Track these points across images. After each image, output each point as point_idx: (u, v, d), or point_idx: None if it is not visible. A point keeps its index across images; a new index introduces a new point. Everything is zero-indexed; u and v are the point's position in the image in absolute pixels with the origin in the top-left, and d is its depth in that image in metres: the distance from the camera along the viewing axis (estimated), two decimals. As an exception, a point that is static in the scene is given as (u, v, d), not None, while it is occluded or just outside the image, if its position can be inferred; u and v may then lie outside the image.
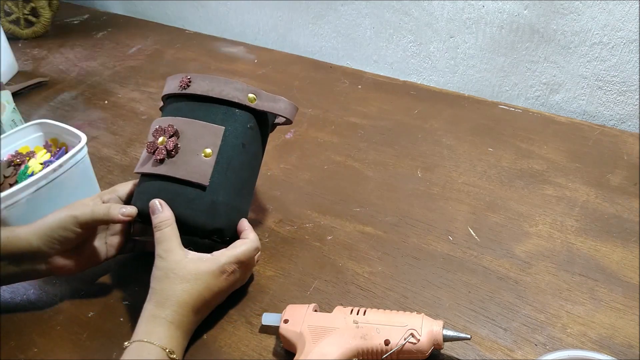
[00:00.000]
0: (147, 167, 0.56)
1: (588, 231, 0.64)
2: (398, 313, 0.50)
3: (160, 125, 0.57)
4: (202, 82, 0.57)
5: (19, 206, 0.61)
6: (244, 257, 0.54)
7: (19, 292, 0.61)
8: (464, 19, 0.95)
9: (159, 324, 0.48)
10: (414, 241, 0.64)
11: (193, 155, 0.55)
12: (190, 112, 0.57)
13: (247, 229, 0.57)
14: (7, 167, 0.68)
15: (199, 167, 0.55)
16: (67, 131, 0.71)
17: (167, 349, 0.47)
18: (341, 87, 0.99)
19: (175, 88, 0.59)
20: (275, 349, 0.53)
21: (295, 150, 0.82)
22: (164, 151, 0.55)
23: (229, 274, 0.53)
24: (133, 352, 0.47)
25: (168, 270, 0.51)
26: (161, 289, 0.50)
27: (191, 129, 0.56)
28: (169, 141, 0.56)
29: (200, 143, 0.56)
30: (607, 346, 0.51)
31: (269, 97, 0.59)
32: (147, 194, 0.56)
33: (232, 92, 0.57)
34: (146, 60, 1.15)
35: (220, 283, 0.52)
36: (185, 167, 0.55)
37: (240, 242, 0.55)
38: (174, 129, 0.56)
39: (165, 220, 0.53)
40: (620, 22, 0.81)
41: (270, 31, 1.24)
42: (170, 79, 0.61)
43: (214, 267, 0.52)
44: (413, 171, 0.76)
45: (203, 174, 0.55)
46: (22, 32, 1.28)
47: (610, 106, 0.89)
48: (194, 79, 0.58)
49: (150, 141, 0.57)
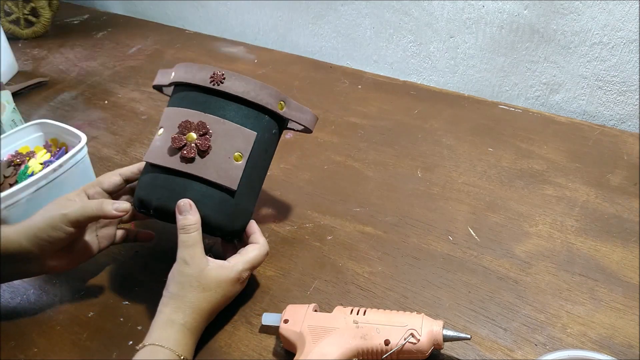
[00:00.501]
0: (171, 161, 0.54)
1: (588, 231, 0.64)
2: (398, 313, 0.50)
3: (189, 119, 0.54)
4: (237, 81, 0.55)
5: (19, 206, 0.61)
6: (257, 262, 0.55)
7: (19, 292, 0.61)
8: (464, 19, 0.95)
9: (176, 329, 0.48)
10: (414, 241, 0.64)
11: (224, 157, 0.54)
12: (220, 110, 0.55)
13: (257, 232, 0.57)
14: (7, 167, 0.68)
15: (230, 171, 0.54)
16: (67, 131, 0.71)
17: (182, 355, 0.47)
18: (341, 87, 0.99)
19: (204, 81, 0.55)
20: (275, 349, 0.53)
21: (295, 150, 0.82)
22: (195, 150, 0.54)
23: (243, 280, 0.54)
24: (146, 354, 0.46)
25: (192, 278, 0.50)
26: (183, 295, 0.50)
27: (223, 129, 0.54)
28: (202, 139, 0.54)
29: (232, 146, 0.54)
30: (607, 346, 0.51)
31: (296, 107, 0.60)
32: (168, 190, 0.54)
33: (267, 98, 0.56)
34: (146, 60, 1.15)
35: (235, 289, 0.53)
36: (216, 169, 0.54)
37: (252, 247, 0.55)
38: (206, 128, 0.54)
39: (194, 224, 0.52)
40: (620, 22, 0.81)
41: (270, 31, 1.24)
42: (189, 67, 0.57)
43: (233, 274, 0.52)
44: (413, 171, 0.76)
45: (233, 179, 0.54)
46: (22, 32, 1.28)
47: (610, 106, 0.89)
48: (228, 77, 0.55)
49: (176, 136, 0.54)
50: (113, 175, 0.59)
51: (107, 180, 0.59)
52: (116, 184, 0.59)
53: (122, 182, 0.60)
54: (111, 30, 1.32)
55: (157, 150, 0.55)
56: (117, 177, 0.59)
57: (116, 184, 0.59)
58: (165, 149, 0.55)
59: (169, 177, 0.54)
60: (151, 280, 0.60)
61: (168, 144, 0.54)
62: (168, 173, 0.55)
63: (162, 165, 0.54)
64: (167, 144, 0.55)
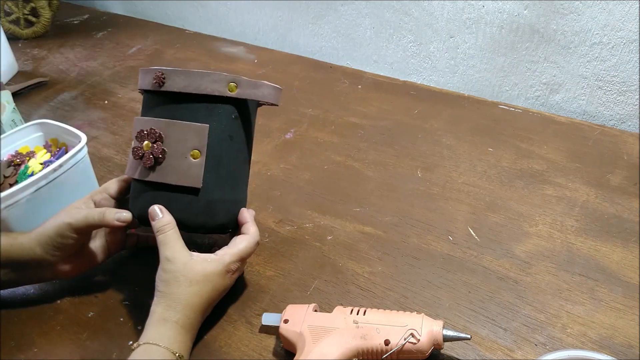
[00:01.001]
0: (137, 173, 0.55)
1: (588, 231, 0.64)
2: (398, 313, 0.50)
3: (142, 128, 0.54)
4: (176, 78, 0.53)
5: (19, 206, 0.61)
6: (246, 254, 0.54)
7: (19, 292, 0.61)
8: (464, 19, 0.95)
9: (169, 327, 0.48)
10: (414, 241, 0.64)
11: (181, 158, 0.53)
12: (169, 111, 0.54)
13: (249, 221, 0.57)
14: (7, 167, 0.68)
15: (189, 170, 0.53)
16: (67, 131, 0.71)
17: (176, 353, 0.47)
18: (341, 87, 0.99)
19: (149, 84, 0.55)
20: (275, 349, 0.53)
21: (295, 150, 0.82)
22: (152, 157, 0.53)
23: (233, 272, 0.53)
24: (141, 353, 0.46)
25: (177, 273, 0.50)
26: (170, 292, 0.50)
27: (174, 130, 0.54)
28: (154, 146, 0.53)
29: (186, 145, 0.53)
30: (607, 346, 0.51)
31: (250, 84, 0.55)
32: (142, 200, 0.55)
33: (211, 85, 0.53)
34: (146, 60, 1.15)
35: (225, 282, 0.53)
36: (175, 172, 0.53)
37: (241, 238, 0.55)
38: (157, 133, 0.54)
39: (166, 225, 0.52)
40: (620, 22, 0.81)
41: (270, 31, 1.24)
42: (144, 72, 0.56)
43: (220, 267, 0.52)
44: (413, 171, 0.76)
45: (195, 177, 0.54)
46: (22, 32, 1.28)
47: (610, 106, 0.89)
48: (168, 75, 0.53)
49: (135, 146, 0.54)
50: (119, 182, 0.60)
51: (113, 186, 0.59)
52: (122, 189, 0.59)
53: (128, 188, 0.60)
54: (111, 30, 1.32)
55: (130, 163, 0.56)
56: (124, 183, 0.60)
57: (122, 189, 0.59)
58: (132, 161, 0.55)
59: (141, 187, 0.56)
60: (151, 280, 0.59)
61: (132, 148, 0.55)
62: (140, 183, 0.56)
63: (133, 178, 0.56)
64: (132, 148, 0.55)
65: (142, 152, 0.54)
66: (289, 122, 0.89)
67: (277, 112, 0.92)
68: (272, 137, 0.86)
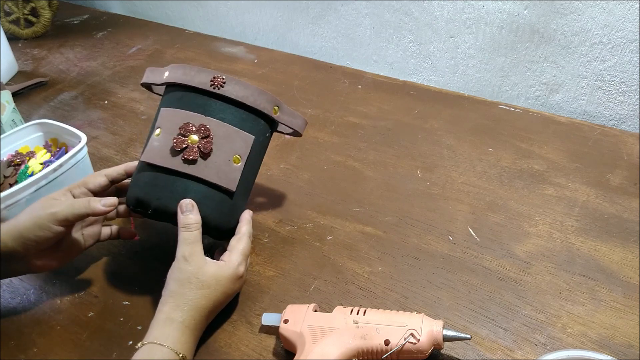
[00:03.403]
0: (172, 162, 0.55)
1: (588, 231, 0.64)
2: (398, 313, 0.50)
3: (190, 122, 0.55)
4: (237, 86, 0.57)
5: (19, 206, 0.61)
6: (247, 250, 0.56)
7: (19, 292, 0.61)
8: (464, 19, 0.95)
9: (175, 327, 0.48)
10: (414, 241, 0.64)
11: (224, 160, 0.56)
12: (220, 113, 0.57)
13: (242, 220, 0.59)
14: (7, 167, 0.68)
15: (230, 173, 0.56)
16: (67, 131, 0.71)
17: (180, 353, 0.47)
18: (341, 87, 0.99)
19: (204, 84, 0.56)
20: (275, 349, 0.53)
21: (295, 150, 0.82)
22: (197, 152, 0.55)
23: (241, 275, 0.54)
24: (145, 353, 0.46)
25: (191, 275, 0.50)
26: (181, 292, 0.50)
27: (223, 132, 0.56)
28: (204, 142, 0.55)
29: (232, 149, 0.56)
30: (607, 346, 0.51)
31: (289, 112, 0.62)
32: (169, 190, 0.55)
33: (264, 103, 0.58)
34: (146, 60, 1.15)
35: (235, 287, 0.54)
36: (216, 171, 0.55)
37: (235, 239, 0.56)
38: (208, 130, 0.55)
39: (194, 223, 0.53)
40: (620, 22, 0.81)
41: (270, 31, 1.24)
42: (187, 69, 0.58)
43: (231, 271, 0.52)
44: (413, 171, 0.76)
45: (232, 181, 0.56)
46: (22, 32, 1.28)
47: (610, 106, 0.89)
48: (229, 81, 0.57)
49: (178, 136, 0.55)
50: (99, 176, 0.59)
51: (93, 180, 0.59)
52: (102, 184, 0.59)
53: (108, 183, 0.60)
54: (111, 30, 1.32)
55: (156, 151, 0.56)
56: (103, 178, 0.59)
57: (102, 184, 0.59)
58: (166, 150, 0.55)
59: (169, 177, 0.55)
60: (151, 280, 0.60)
61: (169, 145, 0.55)
62: (168, 173, 0.55)
63: (163, 166, 0.55)
64: (167, 145, 0.55)
65: (185, 144, 0.55)
66: (289, 122, 0.89)
67: (277, 112, 0.92)
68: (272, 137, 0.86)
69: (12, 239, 0.52)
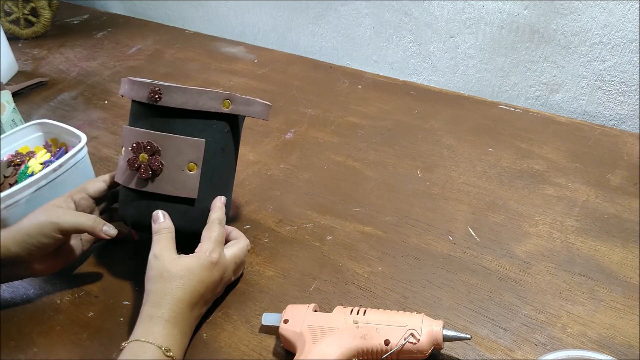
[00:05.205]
0: (133, 182, 0.56)
1: (588, 231, 0.64)
2: (398, 313, 0.50)
3: (138, 140, 0.56)
4: (174, 94, 0.55)
5: (19, 206, 0.61)
6: (221, 236, 0.55)
7: (19, 292, 0.61)
8: (464, 19, 0.95)
9: (155, 323, 0.48)
10: (414, 241, 0.64)
11: (178, 171, 0.56)
12: (165, 125, 0.56)
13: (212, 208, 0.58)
14: (7, 167, 0.68)
15: (186, 182, 0.56)
16: (67, 131, 0.71)
17: (162, 346, 0.47)
18: (341, 87, 0.99)
19: (144, 98, 0.56)
20: (275, 349, 0.53)
21: (295, 150, 0.82)
22: (149, 170, 0.55)
23: (215, 262, 0.53)
24: (129, 352, 0.47)
25: (162, 270, 0.51)
26: (156, 289, 0.50)
27: (172, 144, 0.55)
28: (152, 159, 0.55)
29: (183, 158, 0.56)
30: (607, 346, 0.51)
31: (243, 101, 0.58)
32: (136, 208, 0.57)
33: (208, 102, 0.56)
34: (146, 60, 1.15)
35: (213, 274, 0.53)
36: (172, 183, 0.56)
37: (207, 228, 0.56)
38: (155, 146, 0.55)
39: (165, 229, 0.54)
40: (620, 22, 0.81)
41: (270, 31, 1.24)
42: (133, 84, 0.57)
43: (202, 259, 0.52)
44: (413, 171, 0.76)
45: (191, 189, 0.56)
46: (22, 32, 1.28)
47: (610, 106, 0.89)
48: (165, 91, 0.54)
49: (130, 158, 0.56)
50: (98, 182, 0.61)
51: (93, 186, 0.61)
52: (101, 190, 0.61)
53: (107, 189, 0.62)
54: (111, 30, 1.32)
55: (122, 171, 0.58)
56: (102, 184, 0.61)
57: (101, 190, 0.61)
58: (127, 170, 0.57)
59: (135, 195, 0.57)
60: (151, 280, 0.60)
61: (127, 159, 0.56)
62: (134, 192, 0.57)
63: (129, 187, 0.57)
64: (126, 159, 0.57)
65: (138, 164, 0.55)
66: (289, 122, 0.89)
67: (277, 112, 0.92)
68: (272, 137, 0.86)
69: (15, 244, 0.54)
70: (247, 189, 0.74)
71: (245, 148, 0.83)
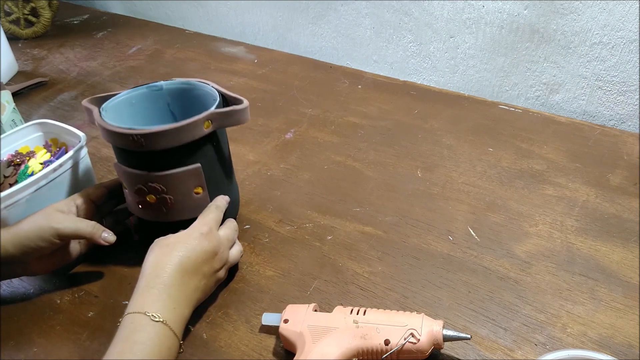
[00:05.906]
0: (147, 215, 0.59)
1: (588, 231, 0.64)
2: (398, 313, 0.50)
3: (141, 186, 0.57)
4: (156, 139, 0.53)
5: (19, 206, 0.61)
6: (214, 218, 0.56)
7: (19, 292, 0.61)
8: (464, 19, 0.95)
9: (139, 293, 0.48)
10: (414, 241, 0.64)
11: (187, 198, 0.58)
12: (159, 165, 0.56)
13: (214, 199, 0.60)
14: (7, 167, 0.68)
15: (197, 205, 0.59)
16: (67, 131, 0.71)
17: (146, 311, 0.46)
18: (341, 87, 0.99)
19: (127, 146, 0.54)
20: (275, 349, 0.53)
21: (295, 150, 0.82)
22: (162, 207, 0.58)
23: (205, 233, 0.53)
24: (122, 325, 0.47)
25: (154, 245, 0.52)
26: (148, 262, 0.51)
27: (173, 179, 0.57)
28: (162, 198, 0.57)
29: (188, 187, 0.58)
30: (607, 346, 0.51)
31: (221, 116, 0.56)
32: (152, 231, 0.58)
33: (190, 134, 0.55)
34: (146, 60, 1.15)
35: (202, 244, 0.52)
36: (185, 210, 0.59)
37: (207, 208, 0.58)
38: (160, 187, 0.57)
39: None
40: (620, 22, 0.81)
41: (270, 31, 1.24)
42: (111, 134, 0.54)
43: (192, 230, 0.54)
44: (413, 171, 0.76)
45: (203, 207, 0.58)
46: (22, 32, 1.28)
47: (610, 106, 0.89)
48: (146, 138, 0.53)
49: (139, 200, 0.58)
50: (99, 188, 0.63)
51: (94, 192, 0.62)
52: (102, 195, 0.63)
53: (107, 194, 0.63)
54: (111, 30, 1.32)
55: (132, 205, 0.61)
56: (104, 190, 0.63)
57: (102, 195, 0.63)
58: (138, 205, 0.59)
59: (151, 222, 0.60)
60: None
61: (135, 200, 0.59)
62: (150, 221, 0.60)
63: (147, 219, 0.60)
64: (134, 200, 0.59)
65: (148, 204, 0.58)
66: (289, 122, 0.89)
67: (277, 112, 0.92)
68: (272, 137, 0.86)
69: (13, 245, 0.54)
70: (247, 189, 0.74)
71: (245, 148, 0.83)
